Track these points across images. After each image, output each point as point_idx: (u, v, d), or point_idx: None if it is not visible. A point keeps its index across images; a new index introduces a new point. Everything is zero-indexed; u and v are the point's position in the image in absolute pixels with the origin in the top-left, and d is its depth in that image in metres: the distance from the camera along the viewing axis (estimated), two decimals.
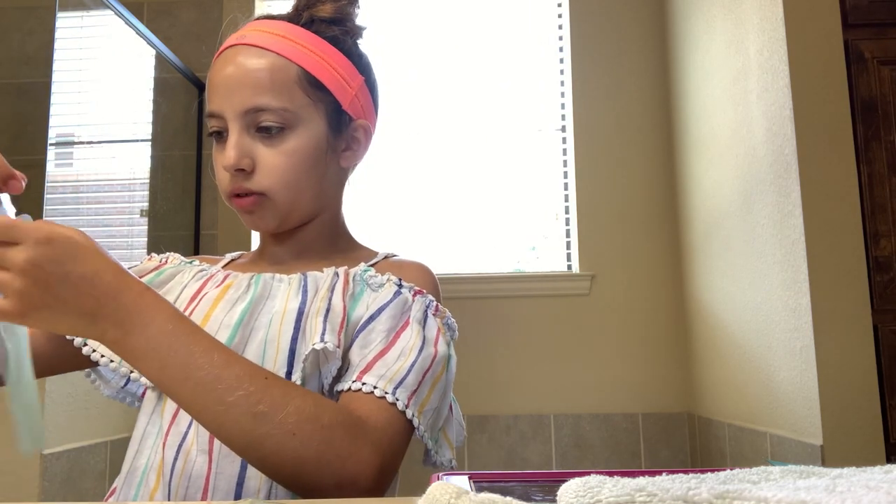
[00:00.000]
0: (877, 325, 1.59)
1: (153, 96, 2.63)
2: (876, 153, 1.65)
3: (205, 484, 0.67)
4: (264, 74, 0.74)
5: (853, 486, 0.34)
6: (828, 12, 1.69)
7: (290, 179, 0.76)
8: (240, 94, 0.74)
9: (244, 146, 0.75)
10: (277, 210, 0.77)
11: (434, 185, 2.76)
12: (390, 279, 0.76)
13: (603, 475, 0.39)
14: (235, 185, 0.76)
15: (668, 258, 2.60)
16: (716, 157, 2.21)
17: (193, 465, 0.67)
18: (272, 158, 0.75)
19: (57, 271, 0.55)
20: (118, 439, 1.90)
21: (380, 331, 0.71)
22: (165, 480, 0.68)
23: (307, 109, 0.76)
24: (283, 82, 0.75)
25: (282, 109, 0.74)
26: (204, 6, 2.83)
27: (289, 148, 0.75)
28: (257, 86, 0.74)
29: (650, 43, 2.71)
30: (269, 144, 0.75)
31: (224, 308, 0.74)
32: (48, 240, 0.55)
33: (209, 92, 0.78)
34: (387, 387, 0.66)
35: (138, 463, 0.71)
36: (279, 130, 0.75)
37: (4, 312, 0.55)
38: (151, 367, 0.59)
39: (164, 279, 0.81)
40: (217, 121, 0.76)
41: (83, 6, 2.33)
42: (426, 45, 2.83)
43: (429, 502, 0.38)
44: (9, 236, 0.54)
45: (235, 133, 0.75)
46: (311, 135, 0.77)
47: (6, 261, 0.54)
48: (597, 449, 2.51)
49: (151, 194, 2.59)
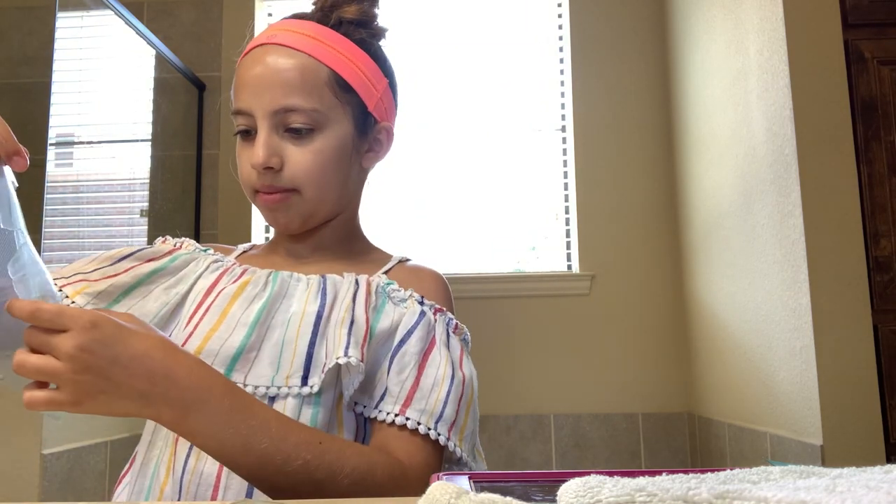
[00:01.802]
0: (877, 325, 1.59)
1: (153, 96, 2.63)
2: (876, 153, 1.65)
3: (216, 482, 0.67)
4: (295, 75, 0.75)
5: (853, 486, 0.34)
6: (828, 12, 1.69)
7: (318, 178, 0.76)
8: (270, 93, 0.74)
9: (273, 145, 0.75)
10: (303, 208, 0.77)
11: (434, 185, 2.76)
12: (412, 295, 0.77)
13: (603, 475, 0.39)
14: (263, 182, 0.76)
15: (668, 258, 2.60)
16: (716, 157, 2.21)
17: (205, 463, 0.67)
18: (301, 157, 0.75)
19: (107, 354, 0.55)
20: (118, 439, 1.90)
21: (412, 354, 0.73)
22: (176, 477, 0.68)
23: (335, 111, 0.77)
24: (313, 83, 0.75)
25: (311, 110, 0.75)
26: (204, 6, 2.83)
27: (317, 148, 0.76)
28: (288, 86, 0.74)
29: (650, 43, 2.71)
30: (297, 144, 0.76)
31: (242, 305, 0.74)
32: (94, 324, 0.55)
33: (237, 89, 0.78)
34: (429, 422, 0.69)
35: (151, 455, 0.72)
36: (308, 131, 0.75)
37: (58, 402, 0.54)
38: (210, 446, 0.59)
39: (179, 265, 0.80)
40: (245, 119, 0.76)
41: (83, 6, 2.33)
42: (426, 46, 2.83)
43: (429, 502, 0.38)
44: (57, 324, 0.54)
45: (265, 132, 0.75)
46: (338, 135, 0.77)
47: (55, 349, 0.54)
48: (597, 449, 2.51)
49: (151, 194, 2.59)
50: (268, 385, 0.70)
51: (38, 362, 0.54)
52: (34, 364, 0.54)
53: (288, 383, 0.70)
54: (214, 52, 2.77)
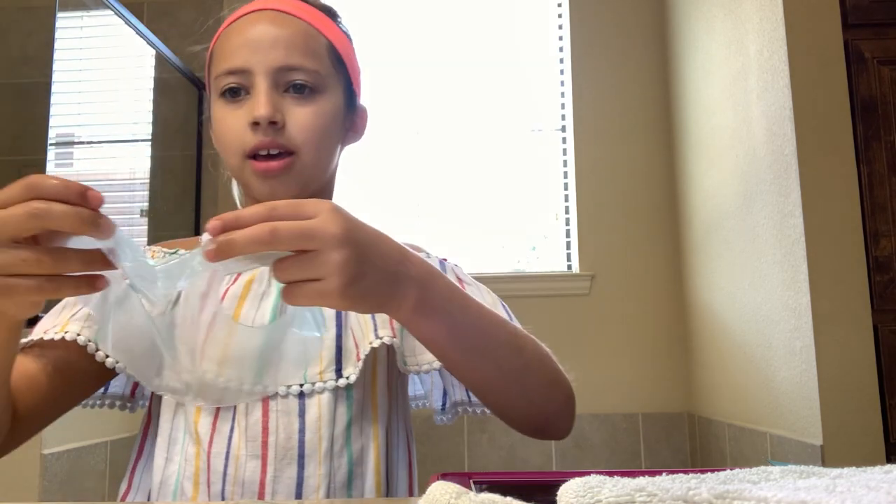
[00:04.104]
0: (877, 325, 1.59)
1: (153, 96, 2.62)
2: (876, 153, 1.64)
3: (260, 488, 0.66)
4: (299, 37, 0.74)
5: (853, 486, 0.34)
6: (828, 12, 1.69)
7: (317, 140, 0.74)
8: (273, 51, 0.72)
9: (275, 101, 0.72)
10: (303, 174, 0.74)
11: (434, 186, 2.76)
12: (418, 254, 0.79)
13: (603, 475, 0.39)
14: (263, 140, 0.71)
15: (668, 258, 2.60)
16: (716, 157, 2.21)
17: (245, 470, 0.66)
18: (303, 116, 0.72)
19: (363, 235, 0.51)
20: (118, 439, 1.90)
21: None
22: (216, 489, 0.66)
23: (332, 79, 0.76)
24: (314, 48, 0.75)
25: (314, 71, 0.73)
26: (204, 6, 2.82)
27: (318, 109, 0.74)
28: (292, 46, 0.73)
29: (650, 43, 2.71)
30: (299, 103, 0.73)
31: (252, 304, 0.72)
32: (337, 207, 0.51)
33: (229, 51, 0.74)
34: None
35: (170, 471, 0.69)
36: (310, 91, 0.73)
37: (327, 293, 0.49)
38: (443, 322, 0.58)
39: None
40: (237, 77, 0.72)
41: (83, 6, 2.33)
42: (426, 46, 2.83)
43: (429, 502, 0.38)
44: (300, 213, 0.49)
45: (265, 86, 0.71)
46: (333, 103, 0.76)
47: (319, 234, 0.48)
48: (597, 449, 2.51)
49: (151, 194, 2.58)
50: (301, 383, 0.69)
51: (306, 252, 0.48)
52: (303, 256, 0.48)
53: (322, 378, 0.69)
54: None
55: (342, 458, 0.69)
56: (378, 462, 0.70)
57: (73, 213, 0.46)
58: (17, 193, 0.47)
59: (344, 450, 0.69)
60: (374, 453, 0.71)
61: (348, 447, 0.69)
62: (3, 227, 0.46)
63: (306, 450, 0.67)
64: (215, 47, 0.77)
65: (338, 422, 0.69)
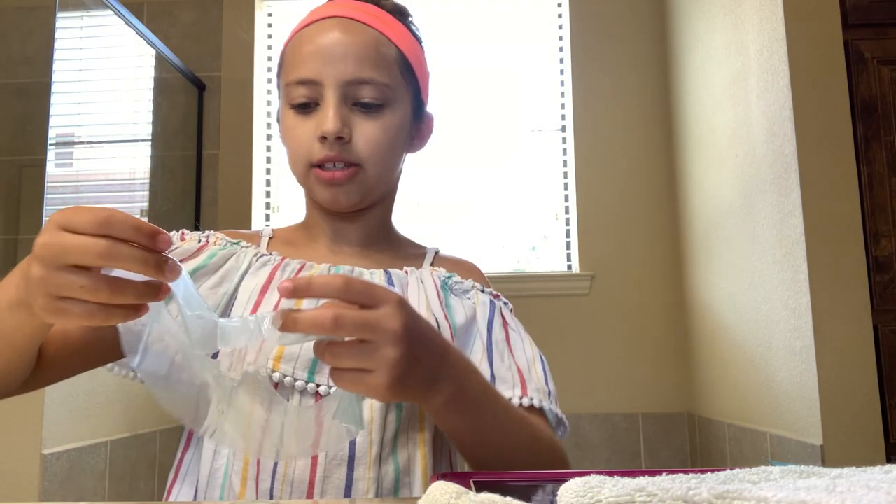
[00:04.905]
0: (877, 325, 1.59)
1: (153, 96, 2.63)
2: (876, 153, 1.64)
3: (309, 488, 0.66)
4: (370, 48, 0.73)
5: (853, 486, 0.34)
6: (828, 12, 1.69)
7: (382, 155, 0.74)
8: (344, 63, 0.72)
9: (344, 115, 0.72)
10: (365, 185, 0.75)
11: (434, 185, 2.76)
12: (474, 286, 0.80)
13: (603, 475, 0.39)
14: (329, 153, 0.72)
15: (668, 258, 2.60)
16: (716, 157, 2.21)
17: (294, 469, 0.66)
18: (370, 131, 0.73)
19: (415, 332, 0.52)
20: (118, 439, 1.90)
21: (501, 341, 0.77)
22: (265, 487, 0.66)
23: (401, 90, 0.76)
24: (385, 59, 0.74)
25: (383, 85, 0.73)
26: (204, 6, 2.82)
27: (385, 124, 0.74)
28: (363, 58, 0.72)
29: (650, 43, 2.71)
30: (367, 118, 0.73)
31: (310, 304, 0.70)
32: (403, 301, 0.51)
33: (300, 59, 0.74)
34: (544, 401, 0.73)
35: (218, 464, 0.69)
36: (377, 107, 0.73)
37: (373, 387, 0.50)
38: (470, 418, 0.60)
39: (217, 262, 0.74)
40: (308, 89, 0.73)
41: (83, 6, 2.33)
42: (426, 45, 2.82)
43: (429, 502, 0.38)
44: (369, 298, 0.50)
45: (334, 101, 0.71)
46: (400, 115, 0.76)
47: (381, 328, 0.49)
48: (597, 449, 2.51)
49: (151, 194, 2.59)
50: None
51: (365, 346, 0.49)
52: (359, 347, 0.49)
53: None
54: (214, 52, 2.77)
55: (388, 465, 0.69)
56: (425, 472, 0.70)
57: (141, 258, 0.46)
58: (88, 224, 0.47)
59: (391, 457, 0.69)
60: (420, 463, 0.71)
61: (394, 455, 0.69)
62: (69, 254, 0.46)
63: (357, 452, 0.67)
64: (286, 52, 0.77)
65: (388, 428, 0.69)
